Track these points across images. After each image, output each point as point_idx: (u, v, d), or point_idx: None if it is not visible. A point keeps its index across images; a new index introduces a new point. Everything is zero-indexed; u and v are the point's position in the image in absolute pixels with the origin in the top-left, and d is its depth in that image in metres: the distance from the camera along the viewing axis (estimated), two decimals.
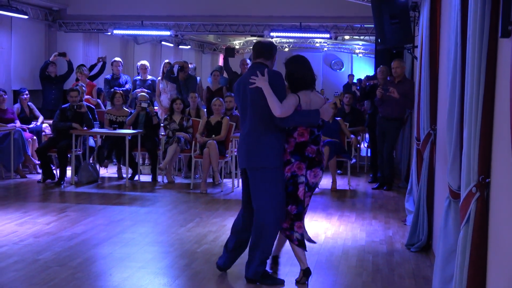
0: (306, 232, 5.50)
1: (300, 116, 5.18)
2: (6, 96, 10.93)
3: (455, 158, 3.78)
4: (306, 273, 5.37)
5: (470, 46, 3.18)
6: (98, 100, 12.92)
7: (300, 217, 5.32)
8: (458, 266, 3.24)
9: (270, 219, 5.22)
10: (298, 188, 5.28)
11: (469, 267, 3.14)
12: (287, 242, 5.56)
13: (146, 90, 12.24)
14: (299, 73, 5.32)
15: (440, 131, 5.83)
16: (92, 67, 13.35)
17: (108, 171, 11.47)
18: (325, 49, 28.81)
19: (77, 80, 12.62)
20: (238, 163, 5.53)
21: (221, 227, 7.14)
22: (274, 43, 5.51)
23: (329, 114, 5.39)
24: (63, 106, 10.61)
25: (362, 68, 28.82)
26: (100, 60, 13.39)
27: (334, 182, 10.09)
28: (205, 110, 11.38)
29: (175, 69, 11.93)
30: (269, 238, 5.29)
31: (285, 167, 5.27)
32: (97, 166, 10.72)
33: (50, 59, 12.41)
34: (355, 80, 23.08)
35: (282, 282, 5.36)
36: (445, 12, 5.78)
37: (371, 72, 19.35)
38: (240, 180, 10.06)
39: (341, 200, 9.25)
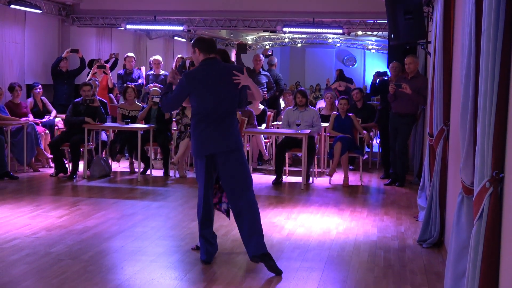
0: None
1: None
2: (21, 90, 10.99)
3: (468, 153, 3.75)
4: None
5: (484, 41, 3.15)
6: (111, 94, 12.98)
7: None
8: (471, 261, 3.22)
9: (252, 194, 5.63)
10: None
11: (481, 262, 3.12)
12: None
13: (158, 85, 12.27)
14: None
15: (454, 127, 5.80)
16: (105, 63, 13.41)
17: (120, 166, 11.51)
18: (338, 45, 28.77)
19: (94, 74, 12.62)
20: (206, 149, 5.57)
21: (232, 221, 7.10)
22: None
23: None
24: (75, 100, 10.65)
25: (375, 64, 28.76)
26: (113, 56, 13.46)
27: (346, 177, 10.08)
28: None
29: (187, 65, 11.94)
30: (258, 211, 5.64)
31: None
32: (109, 160, 10.76)
33: (63, 55, 12.48)
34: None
35: (280, 271, 5.42)
36: (459, 7, 5.74)
37: (384, 68, 19.30)
38: None
39: (352, 196, 9.24)
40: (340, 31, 13.69)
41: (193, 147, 5.70)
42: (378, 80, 10.95)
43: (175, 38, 19.20)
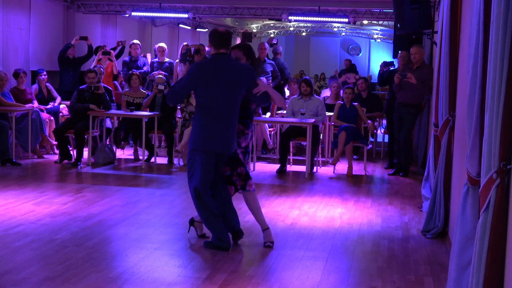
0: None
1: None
2: (25, 77, 10.98)
3: (474, 144, 3.74)
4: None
5: (493, 31, 3.13)
6: (115, 82, 12.96)
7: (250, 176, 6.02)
8: (477, 252, 3.22)
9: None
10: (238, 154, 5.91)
11: (487, 253, 3.12)
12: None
13: (163, 73, 12.25)
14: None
15: (459, 117, 5.78)
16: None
17: (124, 153, 11.51)
18: (343, 34, 28.69)
19: (99, 61, 12.58)
20: (212, 146, 5.61)
21: (236, 210, 7.14)
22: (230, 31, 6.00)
23: None
24: (80, 87, 10.64)
25: (380, 54, 28.66)
26: (120, 44, 13.43)
27: (350, 167, 10.07)
28: None
29: (192, 52, 11.90)
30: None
31: None
32: (114, 147, 10.76)
33: (72, 42, 12.46)
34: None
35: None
36: None
37: (389, 58, 19.25)
38: (252, 164, 10.08)
39: (357, 186, 9.23)
40: (346, 20, 13.64)
41: (195, 139, 5.63)
42: (385, 70, 10.91)
43: (180, 25, 19.16)
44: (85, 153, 10.41)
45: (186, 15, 13.94)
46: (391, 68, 10.88)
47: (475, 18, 3.91)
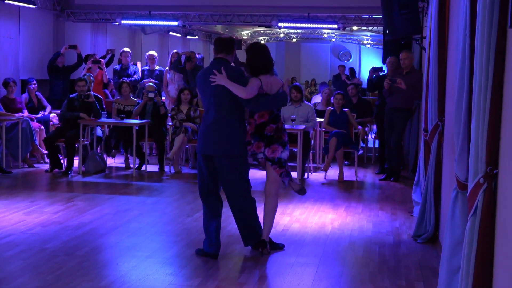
0: None
1: (270, 101, 5.72)
2: (15, 86, 10.95)
3: (462, 149, 3.76)
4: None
5: (479, 37, 3.16)
6: (106, 90, 12.95)
7: None
8: (465, 256, 3.23)
9: (246, 201, 5.84)
10: (258, 161, 5.91)
11: (476, 257, 3.13)
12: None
13: (154, 81, 12.24)
14: (260, 59, 5.81)
15: (448, 122, 5.81)
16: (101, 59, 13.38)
17: (115, 161, 11.49)
18: (333, 40, 28.77)
19: (89, 69, 12.56)
20: (202, 150, 5.73)
21: (227, 217, 7.11)
22: (233, 38, 6.13)
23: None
24: (71, 96, 10.62)
25: (370, 59, 28.74)
26: (110, 52, 13.42)
27: (341, 173, 10.08)
28: None
29: (183, 60, 11.91)
30: (255, 214, 5.93)
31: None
32: (105, 156, 10.74)
33: (61, 51, 12.45)
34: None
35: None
36: (454, 2, 5.74)
37: (379, 64, 19.28)
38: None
39: (348, 191, 9.25)
40: (335, 26, 13.68)
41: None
42: (374, 75, 10.94)
43: (170, 33, 19.17)
44: (76, 161, 10.38)
45: (176, 23, 13.95)
46: (381, 74, 10.91)
47: (461, 23, 3.94)
